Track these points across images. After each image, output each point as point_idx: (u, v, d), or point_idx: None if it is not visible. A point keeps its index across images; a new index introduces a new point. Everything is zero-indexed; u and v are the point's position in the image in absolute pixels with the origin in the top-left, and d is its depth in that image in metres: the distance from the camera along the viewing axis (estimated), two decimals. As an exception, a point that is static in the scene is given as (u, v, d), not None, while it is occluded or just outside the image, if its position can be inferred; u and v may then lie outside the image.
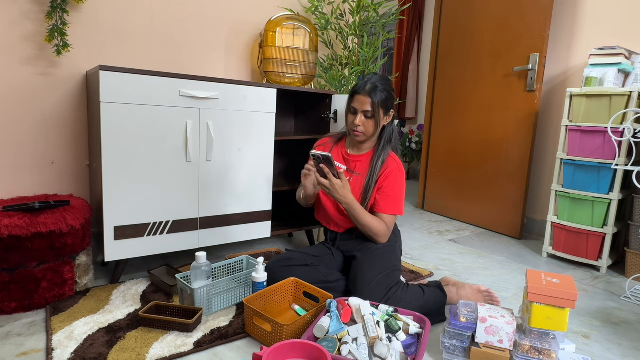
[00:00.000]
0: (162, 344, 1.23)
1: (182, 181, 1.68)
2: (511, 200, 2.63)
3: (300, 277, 1.48)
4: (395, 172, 1.54)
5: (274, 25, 2.19)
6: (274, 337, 1.22)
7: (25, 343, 1.22)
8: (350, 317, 1.25)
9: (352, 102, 1.54)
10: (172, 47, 2.13)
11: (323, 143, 1.71)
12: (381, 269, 1.46)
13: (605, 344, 1.41)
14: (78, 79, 1.89)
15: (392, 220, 1.54)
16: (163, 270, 1.71)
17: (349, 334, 1.18)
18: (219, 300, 1.46)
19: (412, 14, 3.29)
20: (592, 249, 2.09)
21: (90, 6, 1.87)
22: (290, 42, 2.20)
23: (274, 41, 2.18)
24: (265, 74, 2.24)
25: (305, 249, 1.68)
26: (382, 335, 1.17)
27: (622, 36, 2.31)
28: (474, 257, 2.23)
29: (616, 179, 1.99)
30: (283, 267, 1.52)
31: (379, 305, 1.31)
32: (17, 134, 1.78)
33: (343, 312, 1.24)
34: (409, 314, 1.31)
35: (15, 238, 1.32)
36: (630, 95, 1.95)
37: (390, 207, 1.53)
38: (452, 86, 3.05)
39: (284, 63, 2.21)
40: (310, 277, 1.50)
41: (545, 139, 2.67)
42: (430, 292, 1.48)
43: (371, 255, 1.50)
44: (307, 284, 1.45)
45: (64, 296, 1.46)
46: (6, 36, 1.70)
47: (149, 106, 1.55)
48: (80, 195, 1.96)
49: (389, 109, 1.55)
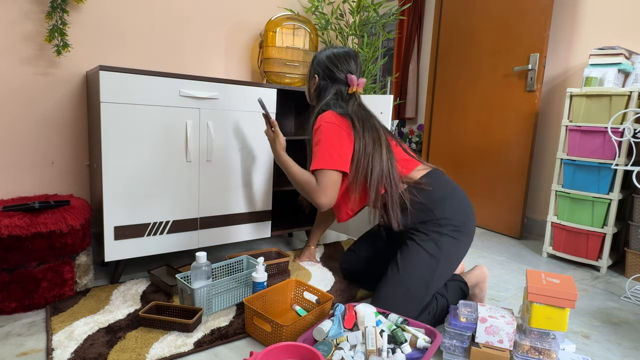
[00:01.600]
0: (162, 344, 1.23)
1: (182, 181, 1.68)
2: (511, 200, 2.63)
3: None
4: (319, 128, 1.43)
5: (274, 25, 2.19)
6: (273, 338, 1.22)
7: (25, 343, 1.22)
8: (353, 323, 1.23)
9: None
10: (172, 47, 2.14)
11: None
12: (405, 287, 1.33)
13: (605, 344, 1.41)
14: (78, 79, 1.89)
15: (324, 178, 1.38)
16: (163, 270, 1.71)
17: (347, 340, 1.16)
18: (219, 300, 1.46)
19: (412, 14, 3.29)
20: (592, 249, 2.09)
21: (90, 6, 1.87)
22: (290, 42, 2.20)
23: (274, 41, 2.18)
24: (265, 74, 2.24)
25: (356, 244, 1.74)
26: (384, 347, 1.12)
27: (622, 36, 2.31)
28: (474, 257, 2.22)
29: (616, 179, 1.99)
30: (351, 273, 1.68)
31: (389, 315, 1.28)
32: (17, 134, 1.78)
33: (347, 318, 1.22)
34: (421, 327, 1.24)
35: (15, 238, 1.32)
36: (630, 95, 1.95)
37: (315, 162, 1.40)
38: (452, 86, 3.05)
39: (284, 63, 2.21)
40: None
41: (545, 139, 2.67)
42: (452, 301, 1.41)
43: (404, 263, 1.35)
44: (308, 284, 1.45)
45: (64, 296, 1.46)
46: (6, 36, 1.70)
47: (149, 106, 1.55)
48: (80, 195, 1.96)
49: (311, 73, 1.60)
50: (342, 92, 1.54)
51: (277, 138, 1.55)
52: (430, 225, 1.38)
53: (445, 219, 1.37)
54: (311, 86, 1.62)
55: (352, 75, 1.53)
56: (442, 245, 1.35)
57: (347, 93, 1.54)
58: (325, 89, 1.56)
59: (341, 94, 1.54)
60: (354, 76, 1.53)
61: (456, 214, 1.38)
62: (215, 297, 1.45)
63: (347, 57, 1.55)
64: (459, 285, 1.48)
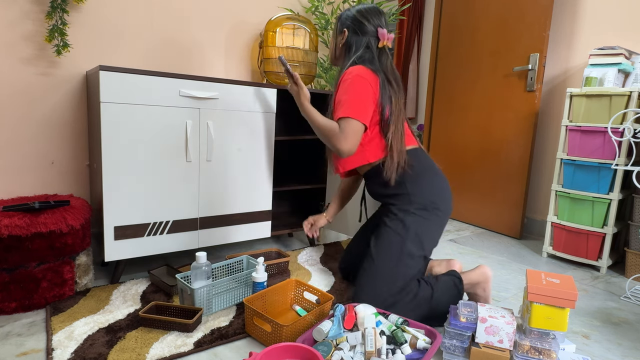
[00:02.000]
0: (162, 344, 1.23)
1: (182, 181, 1.68)
2: (511, 200, 2.63)
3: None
4: (346, 78, 1.47)
5: (273, 25, 2.19)
6: (273, 338, 1.22)
7: (25, 343, 1.22)
8: (353, 324, 1.23)
9: None
10: (172, 47, 2.14)
11: None
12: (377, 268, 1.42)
13: (605, 344, 1.41)
14: (78, 78, 1.89)
15: (347, 125, 1.42)
16: (163, 270, 1.71)
17: (347, 341, 1.16)
18: (219, 300, 1.46)
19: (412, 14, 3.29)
20: (592, 249, 2.09)
21: (90, 6, 1.87)
22: (290, 42, 2.20)
23: (274, 41, 2.18)
24: (265, 74, 2.24)
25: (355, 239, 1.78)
26: (383, 348, 1.13)
27: (622, 36, 2.31)
28: (474, 257, 2.22)
29: (616, 179, 1.99)
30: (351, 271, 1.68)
31: (389, 315, 1.28)
32: (17, 134, 1.78)
33: (347, 318, 1.22)
34: (421, 327, 1.26)
35: (15, 238, 1.32)
36: (630, 95, 1.95)
37: (341, 110, 1.44)
38: (452, 86, 3.06)
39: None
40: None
41: (545, 139, 2.67)
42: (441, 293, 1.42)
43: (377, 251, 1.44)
44: (308, 284, 1.45)
45: (64, 296, 1.46)
46: (6, 36, 1.70)
47: (149, 106, 1.55)
48: (80, 195, 1.96)
49: (340, 28, 1.59)
50: (372, 46, 1.55)
51: (302, 90, 1.55)
52: (401, 200, 1.49)
53: (415, 195, 1.47)
54: (339, 42, 1.62)
55: (383, 29, 1.55)
56: (409, 224, 1.44)
57: (377, 47, 1.56)
58: (355, 44, 1.57)
59: (372, 48, 1.56)
60: (384, 30, 1.55)
61: (426, 193, 1.48)
62: (215, 297, 1.45)
63: (377, 12, 1.58)
64: (453, 280, 1.47)
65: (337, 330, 1.17)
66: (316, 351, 1.03)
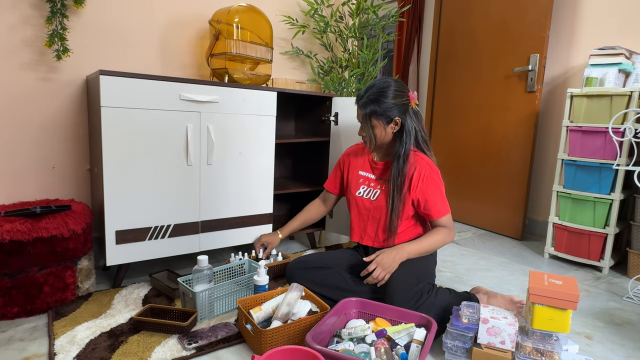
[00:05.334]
0: (164, 347, 1.23)
1: (183, 185, 1.68)
2: (512, 201, 2.62)
3: (318, 280, 1.52)
4: (428, 172, 1.52)
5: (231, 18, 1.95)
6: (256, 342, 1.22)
7: (27, 348, 1.22)
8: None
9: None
10: (172, 51, 2.14)
11: (356, 149, 1.72)
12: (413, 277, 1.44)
13: (607, 344, 1.41)
14: (78, 83, 1.89)
15: (449, 219, 1.55)
16: (164, 274, 1.71)
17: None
18: (220, 303, 1.46)
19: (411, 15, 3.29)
20: (594, 250, 2.09)
21: (90, 11, 1.88)
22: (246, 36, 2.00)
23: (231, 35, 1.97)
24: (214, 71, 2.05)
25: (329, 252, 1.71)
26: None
27: (622, 36, 2.31)
28: (476, 259, 2.22)
29: (617, 179, 1.99)
30: (300, 270, 1.56)
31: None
32: (18, 139, 1.78)
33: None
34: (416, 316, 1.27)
35: (16, 243, 1.33)
36: (630, 95, 1.94)
37: (442, 209, 1.54)
38: (452, 87, 3.06)
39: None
40: (329, 280, 1.52)
41: (546, 140, 2.67)
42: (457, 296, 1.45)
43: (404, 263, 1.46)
44: (308, 290, 1.43)
45: (65, 301, 1.47)
46: (6, 41, 1.71)
47: (150, 110, 1.56)
48: (82, 199, 1.96)
49: (388, 117, 1.49)
50: (411, 113, 1.54)
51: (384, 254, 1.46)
52: None
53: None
54: (389, 131, 1.53)
55: (412, 93, 1.55)
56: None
57: (410, 108, 1.54)
58: (407, 124, 1.52)
59: (415, 116, 1.55)
60: (414, 94, 1.55)
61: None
62: (217, 300, 1.45)
63: (398, 84, 1.54)
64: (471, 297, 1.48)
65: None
66: (318, 354, 1.02)
